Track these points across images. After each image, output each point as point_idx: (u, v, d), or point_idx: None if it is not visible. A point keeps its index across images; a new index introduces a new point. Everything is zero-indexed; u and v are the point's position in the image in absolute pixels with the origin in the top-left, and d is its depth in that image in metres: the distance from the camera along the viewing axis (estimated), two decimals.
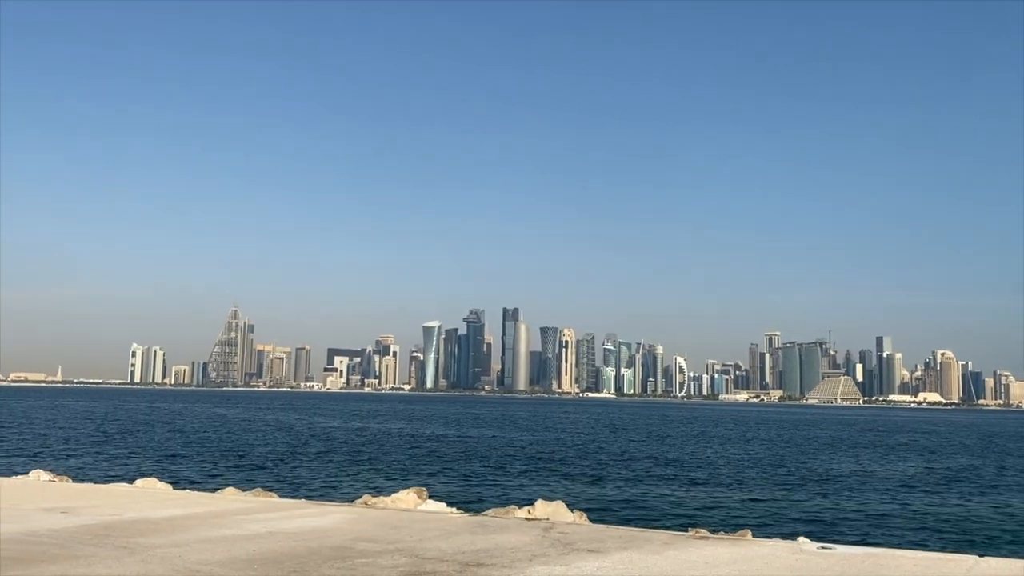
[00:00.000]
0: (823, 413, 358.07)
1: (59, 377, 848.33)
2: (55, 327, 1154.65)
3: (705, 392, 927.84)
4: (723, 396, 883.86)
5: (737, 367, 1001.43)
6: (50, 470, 26.30)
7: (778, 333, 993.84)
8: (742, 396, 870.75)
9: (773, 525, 36.33)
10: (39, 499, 16.11)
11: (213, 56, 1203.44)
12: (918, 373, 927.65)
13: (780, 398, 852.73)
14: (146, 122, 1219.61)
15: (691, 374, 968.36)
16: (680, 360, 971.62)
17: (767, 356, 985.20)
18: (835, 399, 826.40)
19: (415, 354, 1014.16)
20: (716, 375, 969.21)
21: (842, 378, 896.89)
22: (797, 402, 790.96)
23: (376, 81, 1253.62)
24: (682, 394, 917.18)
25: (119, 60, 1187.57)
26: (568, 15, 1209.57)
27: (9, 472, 28.08)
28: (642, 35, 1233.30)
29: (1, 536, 12.02)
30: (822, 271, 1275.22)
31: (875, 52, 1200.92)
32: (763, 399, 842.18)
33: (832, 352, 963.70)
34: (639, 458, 74.34)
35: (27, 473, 24.62)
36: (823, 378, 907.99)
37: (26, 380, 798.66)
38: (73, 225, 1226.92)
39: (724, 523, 33.02)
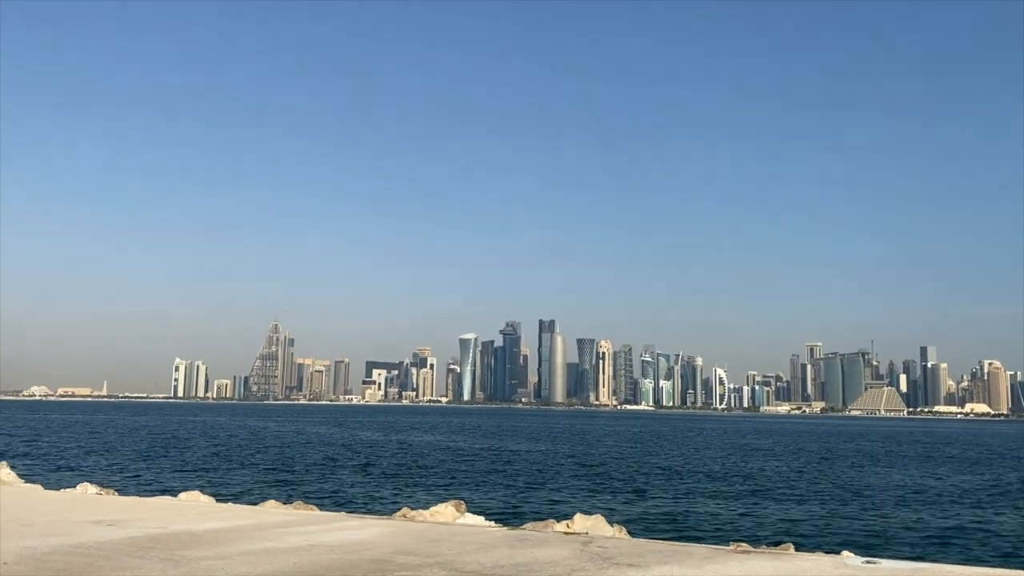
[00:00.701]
0: (867, 425, 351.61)
1: (105, 392, 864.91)
2: (101, 343, 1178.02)
3: (746, 404, 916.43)
4: (764, 408, 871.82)
5: (778, 378, 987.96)
6: (97, 483, 26.81)
7: (819, 344, 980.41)
8: (783, 408, 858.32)
9: (817, 539, 35.71)
10: (87, 512, 16.44)
11: (247, 70, 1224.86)
12: (964, 383, 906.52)
13: (822, 410, 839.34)
14: (184, 138, 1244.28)
15: (731, 386, 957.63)
16: (720, 372, 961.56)
17: (808, 367, 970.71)
18: (879, 410, 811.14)
19: (452, 366, 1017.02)
20: (757, 387, 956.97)
21: (885, 389, 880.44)
22: (840, 413, 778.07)
23: (406, 90, 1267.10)
24: (722, 406, 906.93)
25: (156, 80, 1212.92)
26: (608, 16, 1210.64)
27: (58, 485, 28.67)
28: (667, 38, 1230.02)
29: (51, 548, 12.29)
30: (863, 280, 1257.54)
31: (913, 53, 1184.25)
32: (805, 411, 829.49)
33: (875, 362, 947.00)
34: (679, 471, 73.64)
35: (75, 486, 25.13)
36: (866, 389, 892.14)
37: (73, 395, 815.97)
38: (115, 241, 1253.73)
39: (766, 537, 32.57)
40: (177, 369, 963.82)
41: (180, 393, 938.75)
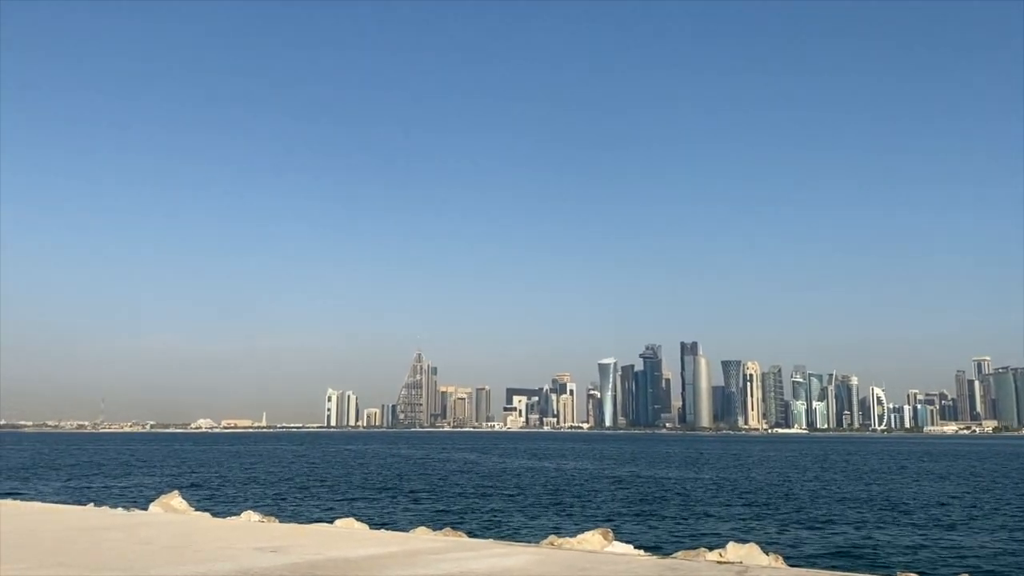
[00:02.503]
0: None
1: (264, 423, 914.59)
2: (260, 376, 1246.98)
3: (907, 424, 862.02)
4: (928, 428, 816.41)
5: (943, 396, 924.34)
6: (259, 511, 28.13)
7: (987, 358, 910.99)
8: (950, 428, 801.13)
9: (993, 571, 32.86)
10: (251, 539, 17.19)
11: (379, 110, 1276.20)
12: None
13: (995, 429, 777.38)
14: (322, 182, 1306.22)
15: (891, 405, 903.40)
16: (878, 391, 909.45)
17: (976, 383, 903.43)
18: None
19: (592, 392, 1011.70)
20: (919, 406, 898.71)
21: None
22: (1015, 433, 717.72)
23: (531, 124, 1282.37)
24: (882, 427, 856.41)
25: (303, 126, 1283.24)
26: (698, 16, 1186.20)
27: (224, 513, 30.30)
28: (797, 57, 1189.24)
29: (219, 574, 12.88)
30: None
31: None
32: (975, 431, 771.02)
33: None
34: (839, 497, 69.87)
35: (239, 514, 26.44)
36: None
37: (235, 426, 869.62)
38: (274, 281, 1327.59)
39: (938, 569, 30.29)
40: (330, 399, 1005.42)
41: (332, 422, 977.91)
